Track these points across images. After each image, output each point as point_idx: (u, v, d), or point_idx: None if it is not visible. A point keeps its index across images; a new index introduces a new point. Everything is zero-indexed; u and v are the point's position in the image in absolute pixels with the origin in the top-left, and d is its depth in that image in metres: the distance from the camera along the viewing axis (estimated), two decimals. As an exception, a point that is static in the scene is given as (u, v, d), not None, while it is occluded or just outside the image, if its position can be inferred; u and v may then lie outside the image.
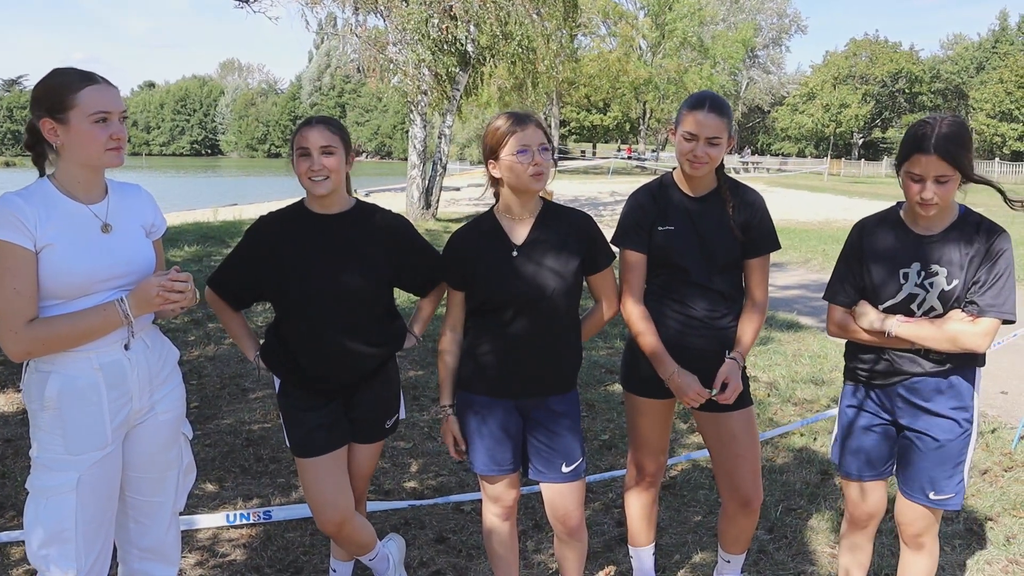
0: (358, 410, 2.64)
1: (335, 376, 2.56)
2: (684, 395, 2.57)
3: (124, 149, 2.12)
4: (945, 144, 2.20)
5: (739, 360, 2.60)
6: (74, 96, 2.01)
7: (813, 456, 4.36)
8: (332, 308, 2.50)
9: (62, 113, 2.02)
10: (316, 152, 2.42)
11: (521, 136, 2.37)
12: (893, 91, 58.74)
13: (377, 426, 2.69)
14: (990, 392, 5.64)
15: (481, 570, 3.20)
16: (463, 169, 44.90)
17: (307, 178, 2.44)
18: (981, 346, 2.31)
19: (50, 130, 2.04)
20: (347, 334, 2.52)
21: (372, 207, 2.64)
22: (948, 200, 2.29)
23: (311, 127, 2.45)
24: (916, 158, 2.25)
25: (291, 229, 2.55)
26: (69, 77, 2.05)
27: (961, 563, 3.29)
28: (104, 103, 2.04)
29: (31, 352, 2.04)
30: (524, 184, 2.41)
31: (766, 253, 2.69)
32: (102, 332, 2.10)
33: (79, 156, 2.07)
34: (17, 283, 1.98)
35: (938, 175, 2.23)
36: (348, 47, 16.93)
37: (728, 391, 2.55)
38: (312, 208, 2.55)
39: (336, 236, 2.53)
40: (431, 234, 14.22)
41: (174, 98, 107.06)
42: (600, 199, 24.46)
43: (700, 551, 3.36)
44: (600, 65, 44.94)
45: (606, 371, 5.92)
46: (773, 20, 66.69)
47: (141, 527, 2.35)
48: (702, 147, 2.51)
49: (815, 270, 11.23)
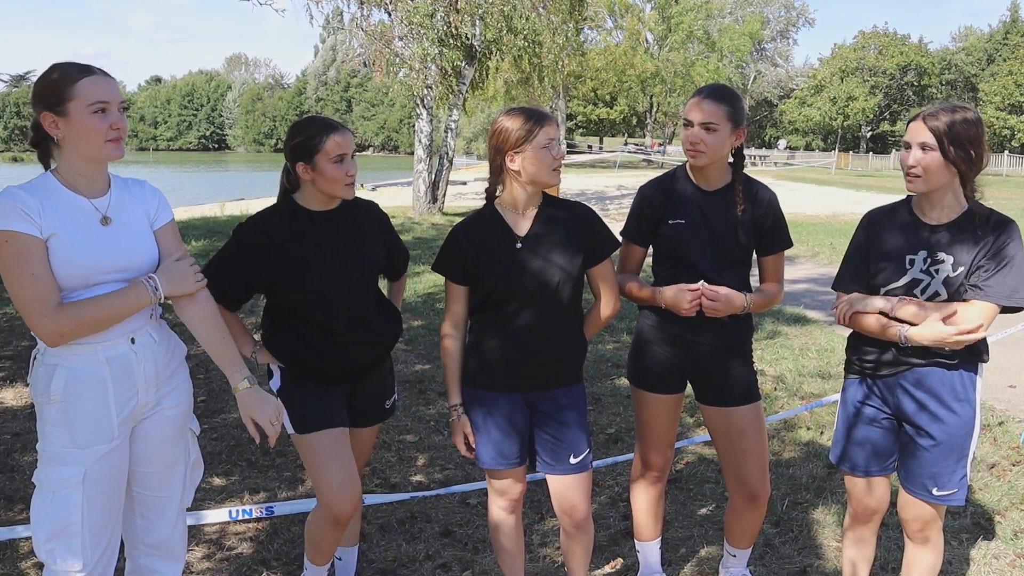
0: (360, 394, 2.68)
1: (350, 366, 2.59)
2: (680, 305, 2.54)
3: (124, 140, 2.13)
4: (935, 117, 2.29)
5: (747, 301, 2.57)
6: (72, 87, 2.02)
7: (820, 450, 4.36)
8: (345, 300, 2.52)
9: (61, 105, 2.03)
10: (350, 157, 2.46)
11: (548, 131, 2.41)
12: (902, 84, 58.42)
13: (379, 407, 2.75)
14: (998, 386, 5.62)
15: (487, 563, 3.20)
16: (469, 163, 44.84)
17: (343, 184, 2.46)
18: (978, 328, 2.28)
19: (51, 124, 2.05)
20: (360, 324, 2.55)
21: (355, 199, 2.64)
22: (933, 175, 2.31)
23: (344, 133, 2.46)
24: (909, 127, 2.37)
25: (294, 227, 2.53)
26: (66, 69, 2.06)
27: (968, 557, 3.28)
28: (102, 93, 2.05)
29: (65, 334, 2.04)
30: (545, 178, 2.43)
31: (780, 251, 2.68)
32: (135, 308, 2.13)
33: (80, 148, 2.07)
34: (34, 268, 1.99)
35: (920, 142, 2.30)
36: (354, 41, 16.92)
37: (720, 291, 2.52)
38: (310, 206, 2.54)
39: (339, 230, 2.55)
40: (438, 228, 14.23)
41: (181, 93, 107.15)
42: (607, 193, 24.42)
43: (706, 545, 3.36)
44: (606, 59, 44.77)
45: (612, 365, 5.91)
46: (780, 13, 66.37)
47: (148, 522, 2.35)
48: (697, 132, 2.51)
49: (823, 264, 11.19)
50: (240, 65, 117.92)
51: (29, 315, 2.01)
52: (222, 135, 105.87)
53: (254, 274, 2.52)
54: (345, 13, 16.97)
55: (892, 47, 57.91)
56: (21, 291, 2.00)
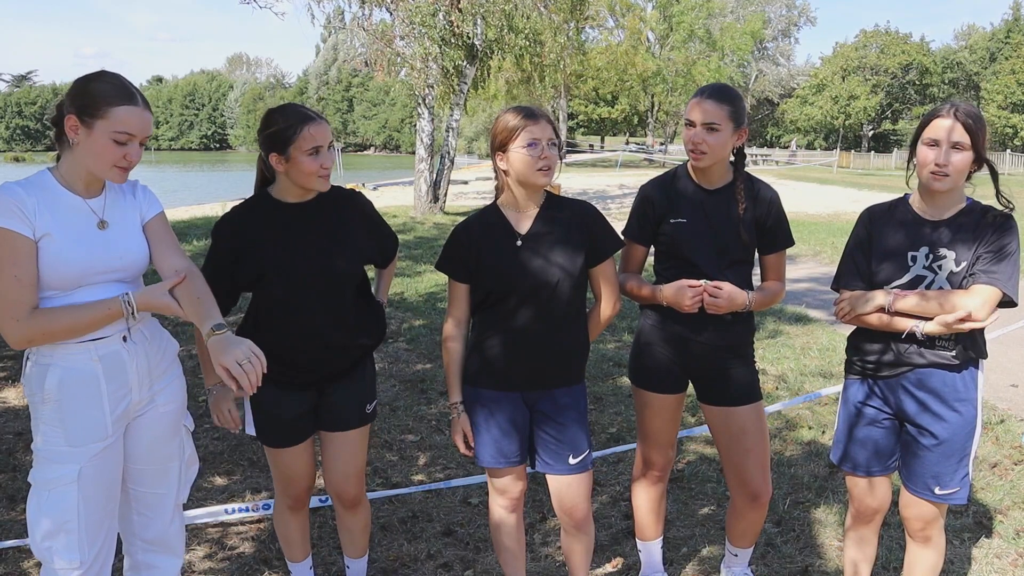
0: (336, 396, 2.60)
1: (325, 366, 2.53)
2: (681, 302, 2.53)
3: (131, 170, 2.13)
4: (965, 113, 2.28)
5: (749, 297, 2.57)
6: (108, 109, 2.02)
7: (821, 449, 4.35)
8: (321, 293, 2.46)
9: (90, 119, 2.03)
10: (326, 149, 2.42)
11: (532, 130, 2.38)
12: (903, 83, 58.33)
13: (357, 412, 2.64)
14: (1000, 385, 5.61)
15: (488, 563, 3.21)
16: (471, 163, 44.83)
17: (317, 176, 2.40)
18: (980, 314, 2.27)
19: (72, 127, 2.05)
20: (337, 322, 2.49)
21: (335, 188, 2.58)
22: (959, 174, 2.31)
23: (320, 124, 2.39)
24: (935, 123, 2.32)
25: (267, 221, 2.48)
26: (112, 89, 2.05)
27: (970, 556, 3.28)
28: (132, 126, 2.05)
29: (32, 340, 2.05)
30: (532, 178, 2.41)
31: (781, 250, 2.68)
32: (105, 323, 2.11)
33: (88, 162, 2.08)
34: (17, 270, 2.00)
35: (955, 141, 2.27)
36: (355, 41, 16.92)
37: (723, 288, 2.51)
38: (285, 198, 2.50)
39: (314, 223, 2.50)
40: (439, 227, 14.22)
41: (182, 93, 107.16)
42: (608, 192, 24.40)
43: (708, 544, 3.36)
44: (608, 58, 44.77)
45: (614, 364, 5.91)
46: (782, 12, 66.30)
47: (144, 519, 2.36)
48: (699, 133, 2.51)
49: (824, 263, 11.18)
50: (241, 65, 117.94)
51: (1, 316, 2.01)
52: (223, 135, 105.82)
53: (233, 273, 2.47)
54: (346, 12, 17.01)
55: (894, 46, 57.82)
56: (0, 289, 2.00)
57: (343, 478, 2.68)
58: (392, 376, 5.61)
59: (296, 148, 2.36)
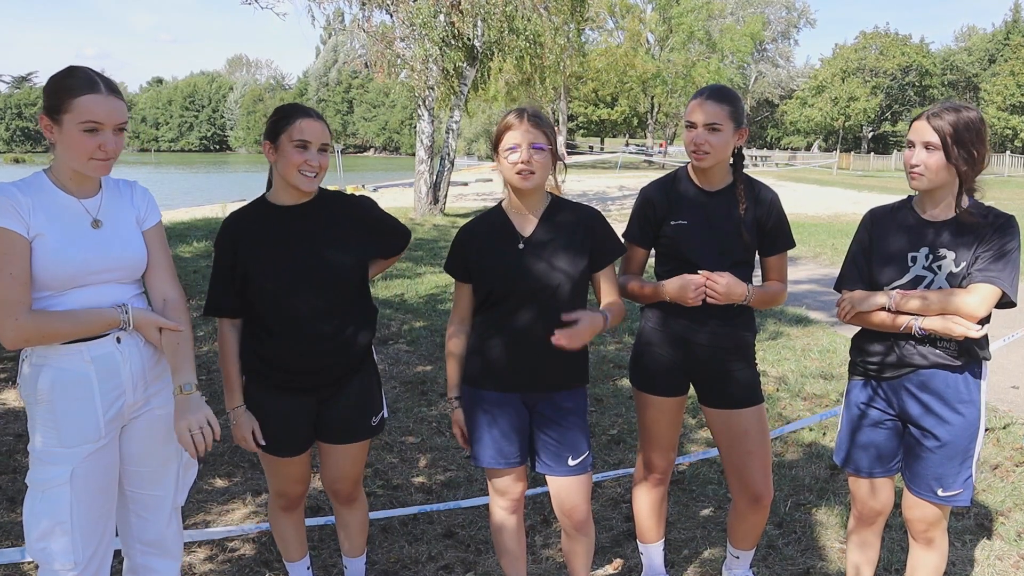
0: (340, 407, 2.58)
1: (317, 373, 2.51)
2: (685, 295, 2.51)
3: (112, 160, 2.11)
4: (939, 116, 2.31)
5: (748, 290, 2.56)
6: (71, 101, 2.01)
7: (822, 451, 4.35)
8: (312, 300, 2.45)
9: (57, 114, 2.03)
10: (315, 147, 2.40)
11: (513, 134, 2.38)
12: (903, 84, 58.39)
13: (362, 424, 2.63)
14: (1001, 387, 5.61)
15: (489, 565, 3.20)
16: (471, 164, 44.84)
17: (298, 171, 2.39)
18: (976, 311, 2.27)
19: (46, 127, 2.07)
20: (329, 328, 2.47)
21: (333, 191, 2.61)
22: (934, 173, 2.33)
23: (312, 119, 2.40)
24: (913, 125, 2.39)
25: (261, 224, 2.49)
26: (74, 81, 2.04)
27: (972, 558, 3.27)
28: (97, 114, 2.03)
29: (28, 340, 2.05)
30: (513, 182, 2.43)
31: (782, 251, 2.68)
32: (101, 330, 2.13)
33: (66, 158, 2.09)
34: (13, 269, 2.00)
35: (925, 141, 2.32)
36: (355, 42, 16.94)
37: (723, 278, 2.50)
38: (280, 202, 2.50)
39: (307, 226, 2.49)
40: (439, 229, 14.22)
41: (182, 94, 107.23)
42: (608, 193, 24.41)
43: (709, 546, 3.36)
44: (608, 59, 44.87)
45: (614, 366, 5.91)
46: (782, 13, 66.36)
47: (142, 521, 2.36)
48: (701, 134, 2.51)
49: (825, 264, 11.18)
50: (241, 66, 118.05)
51: None
52: (223, 136, 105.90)
53: (234, 279, 2.48)
54: (347, 14, 17.05)
55: (893, 47, 57.90)
56: None
57: (340, 479, 2.69)
58: (393, 378, 5.60)
59: (286, 137, 2.38)
